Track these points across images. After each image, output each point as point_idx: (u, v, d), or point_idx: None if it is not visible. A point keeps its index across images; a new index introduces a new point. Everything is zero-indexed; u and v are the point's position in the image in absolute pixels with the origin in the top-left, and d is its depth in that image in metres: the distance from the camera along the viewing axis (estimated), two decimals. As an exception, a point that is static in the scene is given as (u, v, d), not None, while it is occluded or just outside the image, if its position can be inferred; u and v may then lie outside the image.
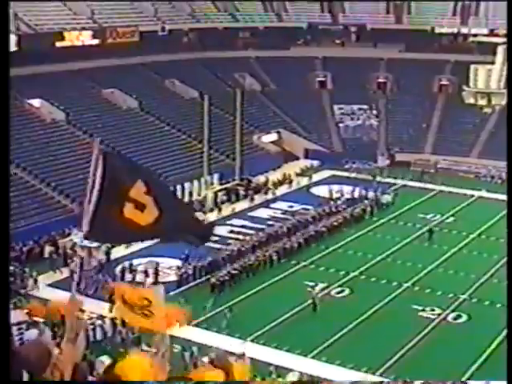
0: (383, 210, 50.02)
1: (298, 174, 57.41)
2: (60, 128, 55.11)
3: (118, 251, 39.76)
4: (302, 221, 45.99)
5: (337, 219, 46.16)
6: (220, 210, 49.67)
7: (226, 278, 36.89)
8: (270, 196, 53.12)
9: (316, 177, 58.16)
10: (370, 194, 51.44)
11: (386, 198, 51.30)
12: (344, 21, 78.43)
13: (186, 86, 66.16)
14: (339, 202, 50.09)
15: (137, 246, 41.99)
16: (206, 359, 27.09)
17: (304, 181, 56.80)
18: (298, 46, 75.94)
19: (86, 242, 12.78)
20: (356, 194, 51.85)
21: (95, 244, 33.98)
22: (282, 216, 48.26)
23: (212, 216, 48.26)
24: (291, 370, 28.80)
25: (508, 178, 45.80)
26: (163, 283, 36.46)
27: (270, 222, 46.86)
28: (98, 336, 31.03)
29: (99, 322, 31.57)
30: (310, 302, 34.75)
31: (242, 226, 46.62)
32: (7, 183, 6.05)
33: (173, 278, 38.06)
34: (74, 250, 38.53)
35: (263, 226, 46.23)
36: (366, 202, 50.15)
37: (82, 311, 25.58)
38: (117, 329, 31.00)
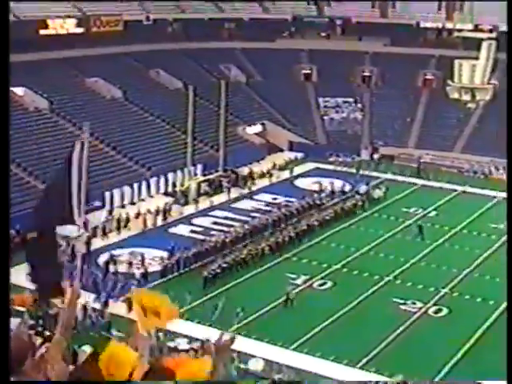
0: (374, 205, 49.93)
1: (279, 168, 57.07)
2: (43, 116, 54.79)
3: (98, 242, 39.72)
4: (287, 213, 46.00)
5: (328, 213, 45.99)
6: (204, 200, 49.57)
7: (218, 271, 36.65)
8: (253, 188, 53.07)
9: (300, 169, 58.20)
10: (363, 189, 51.29)
11: (378, 193, 51.19)
12: (329, 13, 78.40)
13: (170, 76, 65.93)
14: (323, 195, 50.08)
15: (117, 237, 42.11)
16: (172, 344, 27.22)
17: (285, 174, 56.75)
18: (283, 38, 75.87)
19: (66, 232, 12.72)
20: (346, 189, 51.89)
21: (74, 234, 33.79)
22: (267, 208, 48.22)
23: (195, 207, 48.21)
24: (254, 356, 28.76)
25: (508, 177, 45.91)
26: (148, 274, 36.57)
27: (255, 214, 46.84)
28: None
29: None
30: (284, 298, 34.55)
31: (225, 218, 46.59)
32: (7, 182, 5.98)
33: (156, 268, 37.94)
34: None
35: (247, 218, 46.25)
36: (357, 196, 49.96)
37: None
38: (87, 313, 30.96)
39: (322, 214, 45.84)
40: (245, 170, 55.28)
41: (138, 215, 44.81)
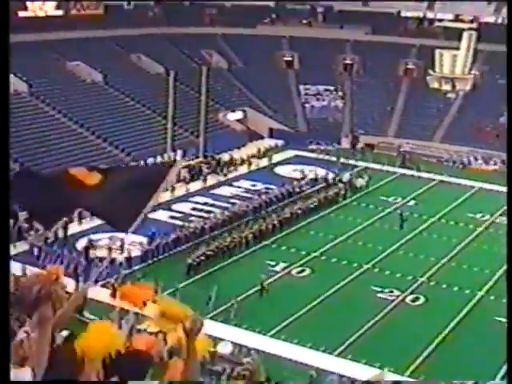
0: (353, 194, 50.01)
1: (258, 157, 56.95)
2: (22, 100, 54.35)
3: (75, 226, 39.55)
4: (268, 200, 46.07)
5: (312, 202, 45.91)
6: (181, 186, 49.49)
7: (202, 258, 36.54)
8: (232, 174, 53.04)
9: (280, 156, 58.25)
10: (346, 177, 51.33)
11: (360, 182, 51.21)
12: (311, 1, 78.27)
13: (151, 61, 65.66)
14: (303, 183, 50.11)
15: (95, 222, 41.85)
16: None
17: (264, 161, 56.73)
18: (264, 24, 75.69)
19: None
20: (330, 177, 51.79)
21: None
22: (247, 195, 48.21)
23: (174, 193, 48.12)
24: (222, 340, 28.82)
25: (508, 176, 46.06)
26: (128, 259, 36.50)
27: (234, 201, 46.87)
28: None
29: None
30: (258, 287, 34.56)
31: (205, 204, 46.58)
32: (7, 181, 5.93)
33: (136, 253, 37.85)
34: (30, 224, 37.98)
35: (226, 204, 46.28)
36: (340, 185, 49.94)
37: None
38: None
39: (305, 202, 45.77)
40: (225, 157, 55.24)
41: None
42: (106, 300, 30.03)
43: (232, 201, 47.16)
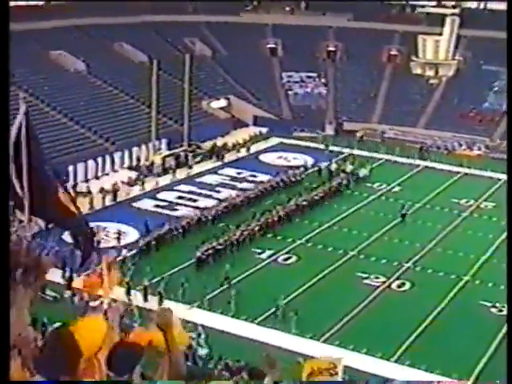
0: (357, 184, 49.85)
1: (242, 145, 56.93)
2: (5, 89, 53.94)
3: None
4: (264, 190, 45.85)
5: (317, 193, 45.42)
6: (167, 174, 49.46)
7: (211, 252, 36.17)
8: (218, 162, 53.03)
9: (264, 144, 58.28)
10: (348, 167, 50.81)
11: (363, 172, 50.83)
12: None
13: (134, 50, 65.34)
14: (297, 172, 49.80)
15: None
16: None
17: (249, 149, 56.72)
18: (247, 11, 75.50)
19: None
20: (333, 167, 51.25)
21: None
22: (243, 186, 47.56)
23: (159, 181, 48.09)
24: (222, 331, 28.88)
25: (508, 176, 46.24)
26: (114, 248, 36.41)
27: (222, 190, 46.90)
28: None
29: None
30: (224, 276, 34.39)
31: (190, 192, 46.56)
32: (7, 181, 5.93)
33: (122, 242, 37.78)
34: (13, 215, 37.79)
35: (212, 193, 46.32)
36: (342, 175, 49.50)
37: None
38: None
39: (311, 193, 45.20)
40: (209, 145, 55.24)
41: (102, 190, 44.54)
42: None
43: (217, 189, 47.19)
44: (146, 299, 31.46)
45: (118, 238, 37.82)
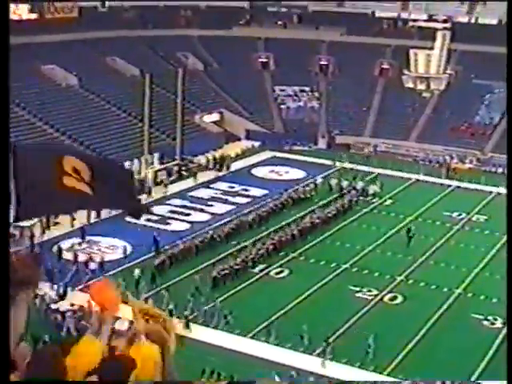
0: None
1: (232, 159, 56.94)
2: (-3, 104, 53.93)
3: (53, 231, 39.37)
4: (274, 207, 45.53)
5: (330, 211, 45.13)
6: (160, 188, 49.39)
7: (227, 271, 35.86)
8: (211, 176, 53.02)
9: (257, 158, 58.34)
10: (359, 184, 50.56)
11: (374, 188, 50.52)
12: (286, 2, 78.46)
13: (126, 64, 65.46)
14: (307, 189, 49.47)
15: (63, 229, 41.60)
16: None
17: (242, 162, 56.73)
18: (240, 26, 75.77)
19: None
20: (344, 184, 50.70)
21: (27, 223, 33.57)
22: (255, 204, 47.07)
23: (152, 196, 48.03)
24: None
25: (508, 176, 46.31)
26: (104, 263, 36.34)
27: (212, 203, 46.89)
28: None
29: None
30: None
31: (182, 206, 46.53)
32: (7, 184, 5.91)
33: (113, 257, 37.71)
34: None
35: (204, 207, 46.30)
36: (353, 192, 49.29)
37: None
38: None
39: (324, 211, 44.95)
40: (202, 159, 55.27)
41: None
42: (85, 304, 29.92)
43: (210, 203, 47.17)
44: (188, 328, 30.75)
45: (125, 255, 37.70)
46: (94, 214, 42.89)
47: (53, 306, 30.89)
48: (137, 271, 34.93)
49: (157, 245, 38.63)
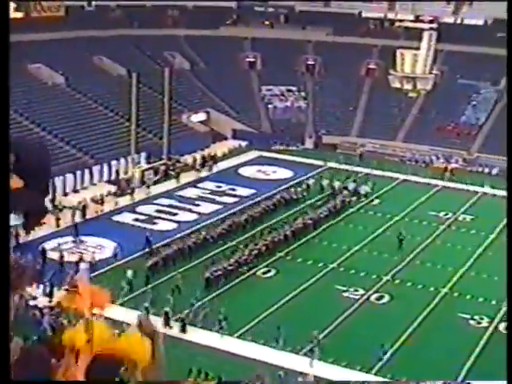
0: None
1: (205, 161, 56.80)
2: (-17, 103, 53.70)
3: (40, 230, 39.15)
4: (267, 208, 45.36)
5: (322, 211, 44.99)
6: (147, 188, 49.32)
7: (220, 272, 35.73)
8: (197, 175, 53.02)
9: (244, 157, 58.38)
10: (351, 186, 50.48)
11: (365, 189, 50.42)
12: (273, 2, 78.51)
13: (113, 63, 65.31)
14: (299, 189, 49.30)
15: (62, 225, 41.60)
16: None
17: (229, 162, 56.75)
18: (227, 25, 75.75)
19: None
20: (336, 185, 50.61)
21: (15, 221, 33.35)
22: (247, 204, 46.85)
23: (138, 195, 47.98)
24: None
25: (508, 177, 46.37)
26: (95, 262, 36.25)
27: (199, 203, 46.86)
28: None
29: None
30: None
31: (170, 206, 46.48)
32: (7, 182, 5.94)
33: (101, 256, 37.62)
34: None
35: (191, 206, 46.29)
36: (345, 192, 49.19)
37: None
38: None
39: (317, 211, 44.87)
40: (189, 159, 55.25)
41: (80, 203, 44.32)
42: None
43: (197, 202, 47.17)
44: (168, 325, 30.78)
45: (115, 255, 37.57)
46: (78, 213, 42.90)
47: (31, 303, 30.79)
48: (129, 272, 34.78)
49: (149, 245, 38.43)
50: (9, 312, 4.86)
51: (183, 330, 30.69)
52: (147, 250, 38.09)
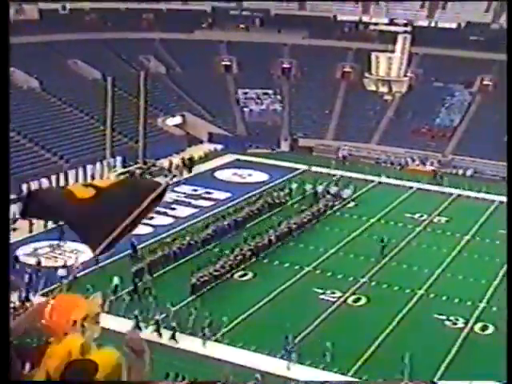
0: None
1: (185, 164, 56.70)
2: (-44, 107, 53.28)
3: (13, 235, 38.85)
4: (250, 213, 45.09)
5: (306, 215, 44.92)
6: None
7: (206, 278, 35.56)
8: (173, 179, 52.88)
9: (220, 160, 58.35)
10: (333, 189, 50.36)
11: (347, 193, 50.38)
12: (248, 5, 78.62)
13: (88, 67, 65.06)
14: (281, 193, 49.04)
15: (36, 230, 41.22)
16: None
17: (205, 165, 56.73)
18: (202, 29, 75.73)
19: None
20: (319, 190, 50.45)
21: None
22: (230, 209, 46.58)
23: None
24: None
25: (508, 179, 46.60)
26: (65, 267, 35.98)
27: (175, 206, 46.71)
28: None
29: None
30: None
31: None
32: (7, 184, 5.89)
33: (73, 261, 37.35)
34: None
35: (166, 210, 46.12)
36: (328, 196, 49.07)
37: None
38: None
39: (300, 216, 44.72)
40: (164, 162, 55.12)
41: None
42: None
43: (173, 206, 47.01)
44: (159, 334, 30.65)
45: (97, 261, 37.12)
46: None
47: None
48: (116, 279, 34.46)
49: (135, 251, 38.18)
50: (9, 312, 4.84)
51: (173, 338, 30.54)
52: (131, 255, 37.75)
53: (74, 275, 30.61)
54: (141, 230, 42.29)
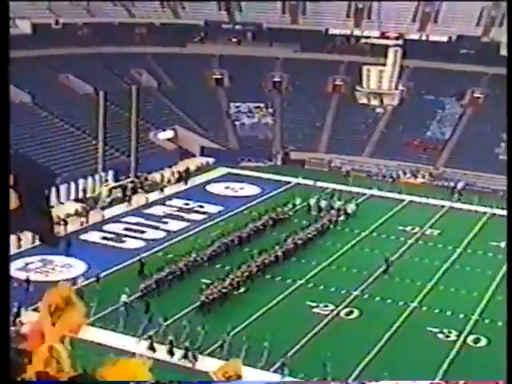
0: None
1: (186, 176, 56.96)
2: None
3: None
4: (255, 229, 44.88)
5: (311, 231, 44.70)
6: (102, 210, 48.50)
7: (215, 296, 35.39)
8: (165, 193, 52.87)
9: (212, 174, 58.37)
10: (337, 204, 50.29)
11: (352, 208, 50.20)
12: (240, 19, 78.84)
13: (80, 81, 65.05)
14: (286, 209, 48.88)
15: (27, 245, 40.99)
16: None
17: (198, 179, 56.75)
18: (194, 43, 75.89)
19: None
20: (323, 205, 50.39)
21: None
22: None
23: (106, 213, 47.71)
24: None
25: (508, 180, 46.62)
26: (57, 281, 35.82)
27: (167, 220, 46.69)
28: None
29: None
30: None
31: (137, 224, 46.28)
32: (7, 186, 5.95)
33: (66, 276, 37.29)
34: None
35: (159, 224, 46.12)
36: (332, 211, 49.00)
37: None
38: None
39: (305, 231, 44.54)
40: (156, 176, 55.13)
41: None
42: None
43: (164, 220, 47.00)
44: (153, 349, 30.57)
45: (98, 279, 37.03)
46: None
47: None
48: (124, 296, 34.18)
49: (142, 267, 37.97)
50: (9, 312, 4.88)
51: (171, 353, 30.48)
52: (140, 271, 37.52)
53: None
54: (133, 244, 42.41)
